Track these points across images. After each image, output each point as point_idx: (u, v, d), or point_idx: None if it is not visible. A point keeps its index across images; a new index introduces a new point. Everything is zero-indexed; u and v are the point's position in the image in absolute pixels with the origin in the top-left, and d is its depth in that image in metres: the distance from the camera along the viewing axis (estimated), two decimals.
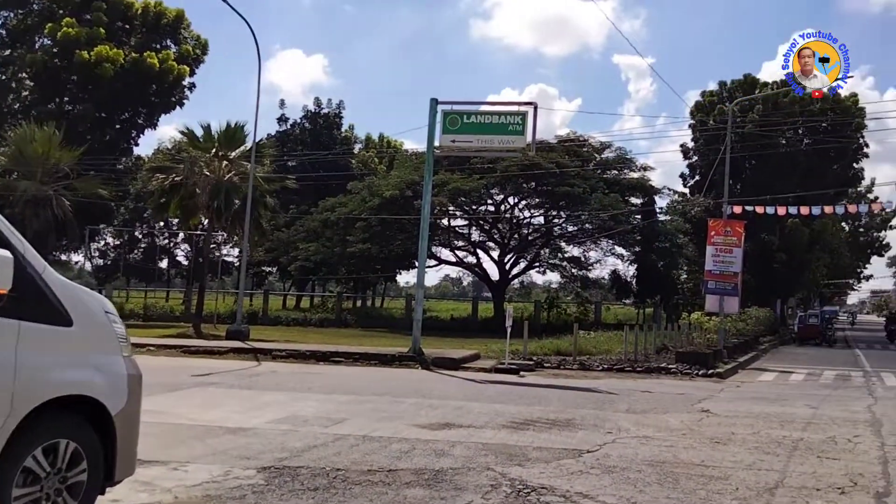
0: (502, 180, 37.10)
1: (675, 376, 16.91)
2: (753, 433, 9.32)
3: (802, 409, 11.71)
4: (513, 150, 18.97)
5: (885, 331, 37.98)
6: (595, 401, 12.05)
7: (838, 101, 40.27)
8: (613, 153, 42.30)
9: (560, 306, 43.61)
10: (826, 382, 16.87)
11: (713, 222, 22.55)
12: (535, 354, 19.23)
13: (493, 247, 42.27)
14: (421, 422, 9.30)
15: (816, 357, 25.77)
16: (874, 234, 60.51)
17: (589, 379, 15.82)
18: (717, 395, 13.47)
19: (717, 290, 21.36)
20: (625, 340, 19.32)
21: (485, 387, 13.59)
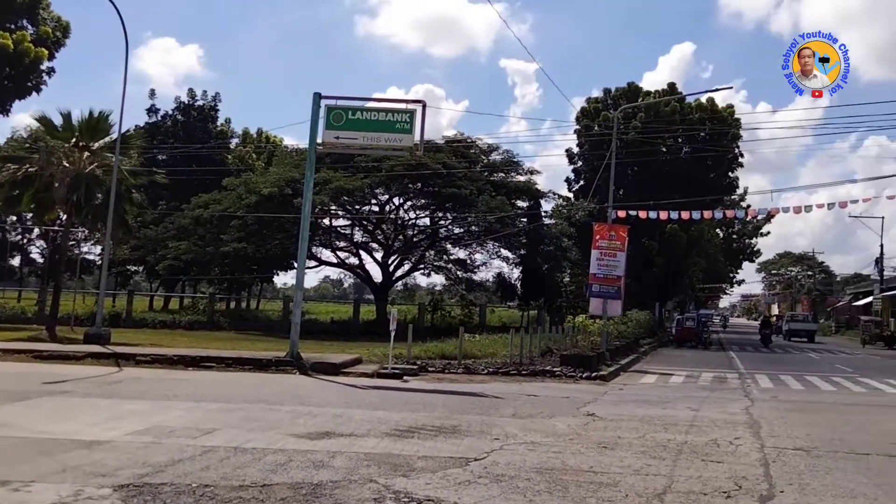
0: (387, 180, 36.84)
1: (560, 379, 17.12)
2: (639, 437, 9.44)
3: (684, 412, 12.04)
4: (400, 149, 18.65)
5: (758, 334, 40.26)
6: (481, 405, 11.95)
7: (716, 111, 42.51)
8: (501, 156, 42.93)
9: (444, 309, 43.80)
10: (704, 384, 17.54)
11: (598, 226, 23.10)
12: (419, 358, 19.00)
13: (376, 248, 41.93)
14: (298, 431, 8.88)
15: (693, 359, 26.89)
16: (746, 240, 64.18)
17: (474, 383, 15.76)
18: (602, 399, 13.69)
19: (601, 293, 21.87)
20: (510, 344, 19.43)
21: (367, 392, 13.26)
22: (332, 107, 17.79)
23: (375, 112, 18.02)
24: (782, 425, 10.81)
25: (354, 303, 44.43)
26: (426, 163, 35.66)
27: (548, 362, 19.35)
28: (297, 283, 18.78)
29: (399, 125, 17.59)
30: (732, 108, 43.59)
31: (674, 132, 41.80)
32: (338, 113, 17.72)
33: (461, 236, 42.04)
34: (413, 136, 17.60)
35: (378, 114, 17.92)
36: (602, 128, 41.78)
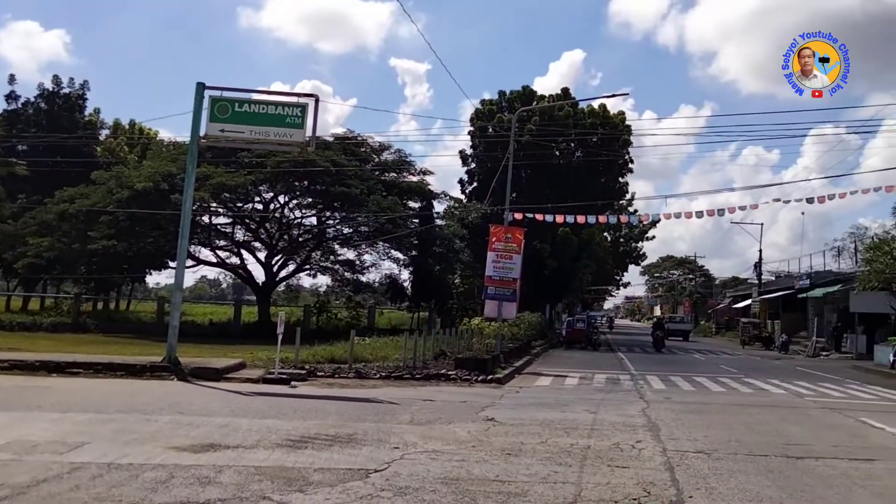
0: (272, 177, 35.84)
1: (455, 383, 17.01)
2: (542, 442, 9.37)
3: (583, 415, 12.12)
4: (290, 145, 18.03)
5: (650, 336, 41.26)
6: (376, 412, 11.63)
7: (608, 117, 43.76)
8: (393, 155, 42.69)
9: (331, 311, 43.19)
10: (599, 386, 17.84)
11: (495, 228, 23.18)
12: (307, 363, 18.46)
13: (259, 247, 40.82)
14: (180, 443, 8.30)
15: (584, 360, 27.45)
16: (633, 244, 66.53)
17: (367, 388, 15.41)
18: (499, 402, 13.63)
19: (496, 295, 21.95)
20: (403, 347, 19.16)
21: (253, 399, 12.67)
22: (216, 98, 16.99)
23: (264, 105, 17.31)
24: (680, 427, 11.01)
25: (235, 304, 43.10)
26: (314, 160, 34.96)
27: (442, 365, 19.21)
28: (175, 284, 17.85)
29: (290, 119, 17.00)
30: (623, 114, 45.12)
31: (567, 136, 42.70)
32: (223, 105, 16.94)
33: (350, 237, 41.51)
34: (304, 132, 17.02)
35: (267, 107, 17.22)
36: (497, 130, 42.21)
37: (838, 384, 20.55)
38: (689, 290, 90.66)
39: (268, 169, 35.00)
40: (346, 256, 42.79)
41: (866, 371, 26.00)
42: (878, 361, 27.69)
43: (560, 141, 43.62)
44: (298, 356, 17.92)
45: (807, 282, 43.32)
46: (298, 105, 17.14)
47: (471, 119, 44.56)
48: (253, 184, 35.98)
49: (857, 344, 33.98)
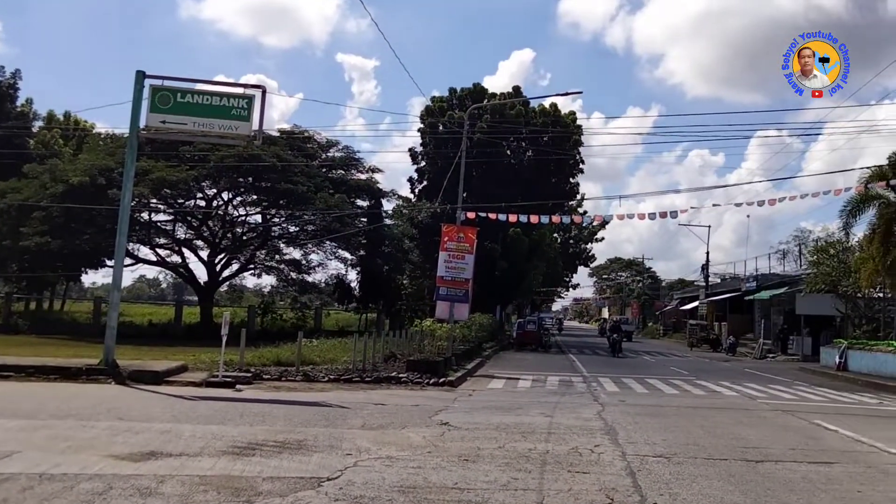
0: (215, 173, 35.12)
1: (407, 386, 16.79)
2: (499, 447, 9.21)
3: (539, 419, 12.00)
4: (236, 138, 17.55)
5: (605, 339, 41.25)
6: (326, 416, 11.34)
7: (559, 116, 43.94)
8: (341, 152, 42.28)
9: (276, 312, 42.62)
10: (552, 389, 17.78)
11: (447, 228, 22.99)
12: (252, 365, 18.03)
13: (202, 246, 40.03)
14: (119, 451, 7.92)
15: (536, 363, 27.45)
16: (582, 245, 67.01)
17: (315, 391, 15.09)
18: (453, 406, 13.44)
19: (448, 296, 21.76)
20: (353, 349, 18.85)
21: (196, 404, 12.25)
22: (157, 87, 16.46)
23: (209, 96, 16.80)
24: (637, 431, 10.97)
25: (176, 304, 42.17)
26: (260, 155, 34.40)
27: (393, 368, 18.97)
28: (113, 283, 17.23)
29: (235, 111, 16.57)
30: (574, 114, 45.33)
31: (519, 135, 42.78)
32: (165, 95, 16.42)
33: (296, 235, 40.97)
34: (251, 124, 16.62)
35: (212, 98, 16.74)
36: (447, 127, 42.04)
37: (787, 386, 20.89)
38: (638, 292, 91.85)
39: (211, 164, 34.29)
40: (292, 256, 42.29)
41: (813, 373, 26.52)
42: (825, 363, 28.28)
43: (511, 140, 43.68)
44: (243, 358, 17.48)
45: (753, 284, 44.18)
46: (244, 96, 16.74)
47: (421, 116, 44.36)
48: (195, 179, 35.26)
49: (802, 346, 34.70)
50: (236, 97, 16.76)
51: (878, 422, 13.72)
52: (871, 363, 24.27)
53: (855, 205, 25.60)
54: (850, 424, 12.49)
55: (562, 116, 44.22)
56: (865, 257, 26.00)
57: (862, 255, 26.87)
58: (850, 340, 27.03)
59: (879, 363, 23.61)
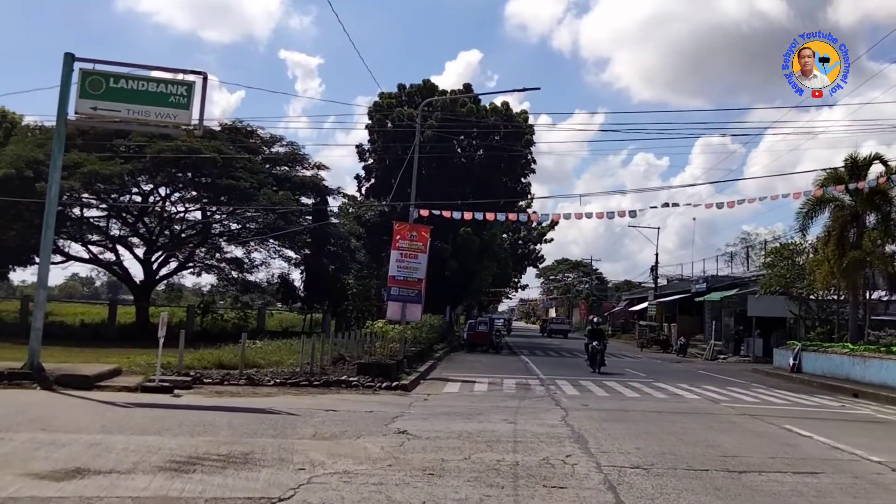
0: (152, 167, 33.70)
1: (358, 390, 16.07)
2: (465, 458, 8.58)
3: (502, 425, 11.40)
4: (175, 126, 16.56)
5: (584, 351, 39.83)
6: (274, 425, 10.55)
7: (510, 115, 43.49)
8: (285, 148, 41.14)
9: (217, 312, 41.38)
10: (510, 392, 17.22)
11: (399, 226, 22.25)
12: (192, 368, 17.14)
13: (138, 243, 38.50)
14: (39, 468, 7.07)
15: (490, 364, 26.90)
16: (531, 246, 66.84)
17: (261, 396, 14.26)
18: (409, 412, 12.77)
19: (400, 297, 21.01)
20: (301, 351, 18.00)
21: (131, 412, 11.35)
22: (88, 71, 15.39)
23: (145, 81, 15.76)
24: (608, 438, 10.44)
25: (110, 304, 40.56)
26: (199, 149, 33.18)
27: (342, 371, 18.20)
28: (39, 281, 16.06)
29: (174, 99, 15.59)
30: (526, 113, 44.94)
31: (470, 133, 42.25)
32: (96, 79, 15.36)
33: (238, 233, 39.74)
34: (191, 113, 15.65)
35: (148, 84, 15.69)
36: (396, 124, 41.24)
37: (745, 388, 20.72)
38: (585, 293, 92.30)
39: (147, 158, 32.90)
40: (234, 254, 41.03)
41: (767, 374, 26.54)
42: (778, 365, 28.36)
43: (462, 138, 43.15)
44: (182, 361, 16.58)
45: (703, 286, 44.42)
46: (184, 83, 15.74)
47: (369, 112, 43.42)
48: (130, 174, 33.81)
49: (754, 347, 34.91)
50: (175, 84, 15.76)
51: (847, 427, 13.46)
52: (825, 365, 24.32)
53: (811, 207, 25.67)
54: (822, 430, 12.18)
55: (514, 115, 43.79)
56: (820, 259, 26.10)
57: (817, 258, 27.00)
58: (804, 342, 27.14)
59: (834, 365, 23.65)
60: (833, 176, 24.38)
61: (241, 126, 39.53)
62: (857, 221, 24.95)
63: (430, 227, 22.40)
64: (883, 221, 24.22)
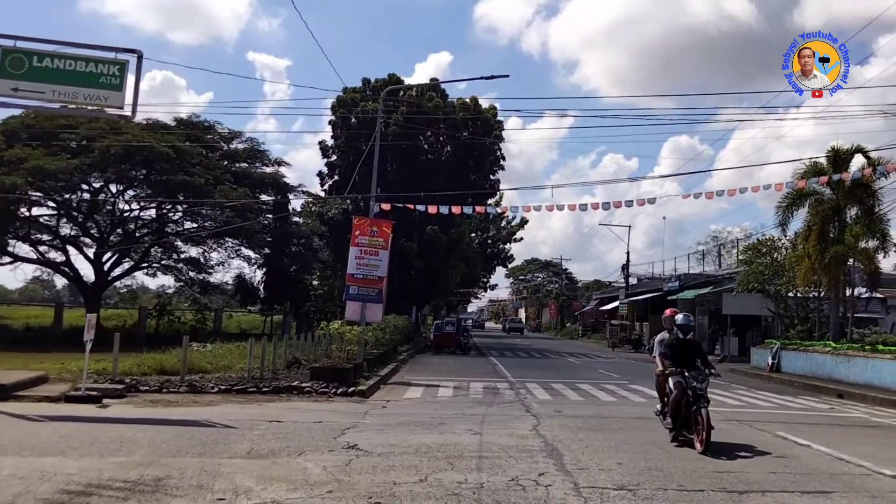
0: (101, 162, 31.98)
1: (310, 396, 14.77)
2: (421, 480, 7.34)
3: (467, 437, 10.17)
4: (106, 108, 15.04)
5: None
6: (205, 440, 9.22)
7: (479, 111, 42.14)
8: (244, 144, 39.64)
9: (173, 314, 39.77)
10: (477, 397, 15.95)
11: (358, 220, 20.91)
12: (129, 374, 15.79)
13: (89, 243, 36.67)
14: None
15: (457, 367, 25.67)
16: (501, 245, 65.77)
17: (200, 406, 12.90)
18: (363, 422, 11.49)
19: (359, 296, 19.67)
20: (250, 354, 16.61)
21: (41, 427, 9.95)
22: (8, 49, 13.81)
23: (72, 60, 14.18)
24: (585, 452, 9.24)
25: (56, 306, 38.63)
26: (151, 144, 31.58)
27: (295, 376, 16.87)
28: None
29: (105, 79, 14.04)
30: (495, 108, 43.47)
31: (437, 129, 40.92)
32: (18, 57, 13.81)
33: (195, 232, 38.12)
34: (123, 95, 14.09)
35: (76, 62, 14.13)
36: (360, 120, 39.78)
37: (726, 389, 19.65)
38: (555, 293, 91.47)
39: (96, 153, 31.20)
40: (191, 254, 39.42)
41: (745, 374, 25.57)
42: (755, 364, 27.41)
43: (429, 134, 41.80)
44: (117, 367, 15.12)
45: (676, 284, 43.48)
46: (116, 62, 14.16)
47: (332, 107, 41.71)
48: (79, 169, 32.03)
49: (729, 346, 34.02)
50: (106, 63, 14.19)
51: (845, 433, 12.37)
52: (806, 364, 23.38)
53: (791, 200, 24.72)
54: (818, 437, 11.07)
55: (482, 110, 42.40)
56: (800, 255, 25.17)
57: (796, 254, 26.08)
58: (783, 341, 26.21)
59: (816, 364, 22.70)
60: (813, 169, 23.46)
61: (199, 121, 37.95)
62: (838, 216, 24.06)
63: (391, 221, 21.07)
64: (865, 215, 23.30)
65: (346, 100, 41.66)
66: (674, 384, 10.01)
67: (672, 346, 10.33)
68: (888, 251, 23.66)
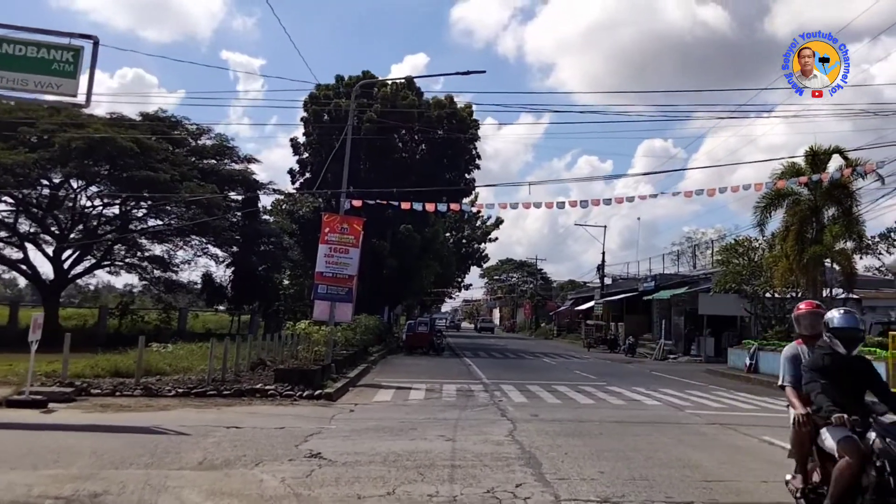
0: (60, 156, 30.91)
1: (274, 400, 14.09)
2: (388, 493, 6.74)
3: (439, 443, 9.56)
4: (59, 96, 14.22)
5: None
6: (153, 450, 8.51)
7: (454, 109, 41.49)
8: (213, 139, 38.70)
9: (137, 313, 38.77)
10: (450, 400, 15.31)
11: (328, 217, 20.23)
12: (81, 377, 15.01)
13: (49, 240, 35.56)
14: None
15: (429, 368, 25.05)
16: (475, 245, 65.20)
17: (155, 410, 12.17)
18: (329, 428, 10.84)
19: (328, 295, 18.99)
20: (210, 355, 15.84)
21: None
22: None
23: (22, 45, 13.29)
24: (565, 459, 8.67)
25: (10, 305, 37.49)
26: (114, 138, 30.59)
27: (259, 378, 16.15)
28: None
29: (58, 66, 13.19)
30: (471, 107, 42.81)
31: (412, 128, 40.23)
32: None
33: (162, 229, 37.16)
34: (77, 83, 13.29)
35: (26, 48, 13.24)
36: (333, 117, 38.98)
37: (705, 391, 19.25)
38: (530, 293, 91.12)
39: (56, 147, 30.14)
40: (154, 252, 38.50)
41: (723, 375, 25.18)
42: (733, 365, 27.05)
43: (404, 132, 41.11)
44: (67, 369, 14.31)
45: (651, 284, 43.16)
46: (71, 48, 13.30)
47: (304, 104, 40.88)
48: (38, 164, 30.95)
49: (705, 347, 33.70)
50: (60, 48, 13.33)
51: None
52: None
53: (769, 201, 24.37)
54: None
55: (457, 109, 41.77)
56: (778, 255, 24.84)
57: (774, 254, 25.75)
58: (761, 342, 25.86)
59: None
60: (791, 169, 23.12)
61: (165, 116, 36.96)
62: (816, 216, 23.76)
63: (362, 219, 20.42)
64: (844, 216, 23.00)
65: (319, 97, 40.86)
66: (841, 446, 5.23)
67: (826, 370, 5.65)
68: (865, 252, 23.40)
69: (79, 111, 33.08)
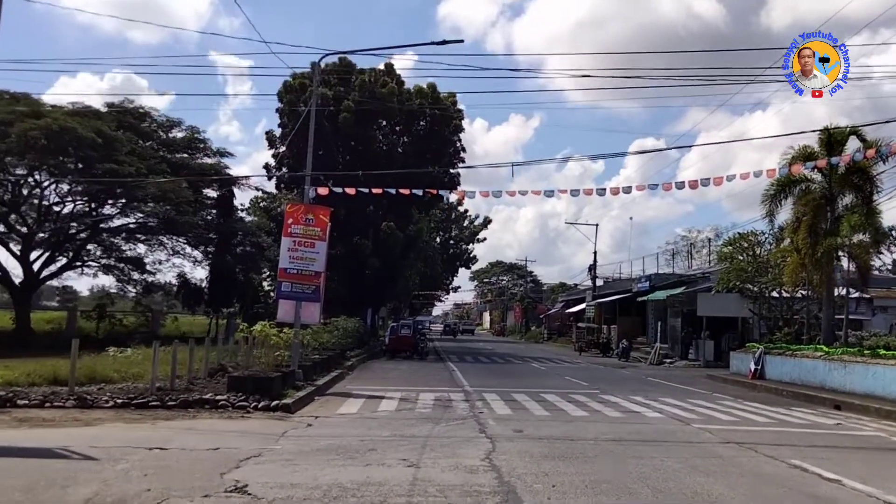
0: (21, 148, 29.00)
1: (224, 412, 12.37)
2: None
3: (398, 470, 7.82)
4: None
5: None
6: (36, 480, 6.79)
7: (438, 99, 39.73)
8: (184, 132, 36.84)
9: (115, 316, 37.10)
10: (425, 412, 13.55)
11: (291, 207, 18.46)
12: (13, 385, 13.33)
13: (16, 239, 33.66)
14: None
15: (409, 373, 23.34)
16: (463, 245, 63.44)
17: (79, 426, 10.47)
18: (273, 448, 9.10)
19: (293, 293, 17.23)
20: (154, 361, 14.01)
21: None
22: None
23: None
24: (553, 494, 6.95)
25: None
26: (75, 128, 28.70)
27: (214, 387, 14.47)
28: None
29: None
30: (455, 96, 41.08)
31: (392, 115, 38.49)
32: None
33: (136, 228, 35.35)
34: None
35: None
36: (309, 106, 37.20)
37: (709, 400, 17.54)
38: (520, 296, 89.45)
39: (12, 138, 28.23)
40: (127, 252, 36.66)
41: (725, 381, 23.46)
42: (735, 370, 25.28)
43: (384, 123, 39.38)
44: None
45: (646, 284, 41.39)
46: None
47: (279, 94, 39.07)
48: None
49: (704, 350, 31.98)
50: None
51: (871, 459, 10.16)
52: (794, 371, 21.28)
53: (779, 188, 22.58)
54: (845, 467, 8.88)
55: (441, 98, 40.03)
56: (788, 250, 23.04)
57: (783, 248, 23.94)
58: (767, 345, 24.14)
59: (805, 371, 20.61)
60: (803, 153, 21.34)
61: (132, 108, 35.09)
62: (830, 205, 21.96)
63: (329, 209, 18.52)
64: (863, 204, 21.17)
65: (295, 86, 39.04)
66: None
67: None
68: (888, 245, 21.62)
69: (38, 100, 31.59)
